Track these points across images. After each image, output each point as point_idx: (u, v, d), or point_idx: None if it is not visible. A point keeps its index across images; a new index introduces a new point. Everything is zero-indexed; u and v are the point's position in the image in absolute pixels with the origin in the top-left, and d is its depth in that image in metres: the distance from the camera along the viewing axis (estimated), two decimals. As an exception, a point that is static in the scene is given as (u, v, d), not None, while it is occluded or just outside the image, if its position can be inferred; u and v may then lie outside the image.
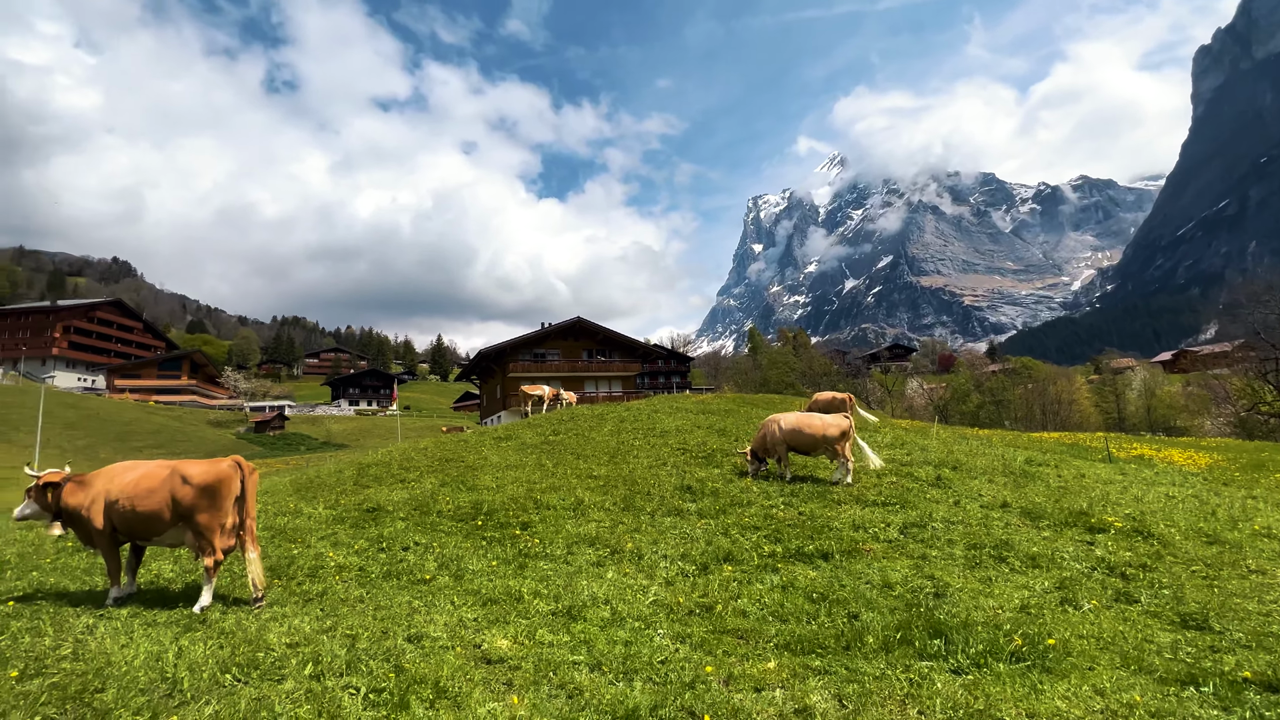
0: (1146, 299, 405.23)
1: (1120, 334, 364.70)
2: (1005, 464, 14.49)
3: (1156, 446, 23.52)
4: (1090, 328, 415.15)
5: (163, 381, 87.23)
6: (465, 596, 6.12)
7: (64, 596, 6.38)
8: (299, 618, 5.35)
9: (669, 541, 8.38)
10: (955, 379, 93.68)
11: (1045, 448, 20.93)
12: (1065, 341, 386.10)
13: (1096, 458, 19.34)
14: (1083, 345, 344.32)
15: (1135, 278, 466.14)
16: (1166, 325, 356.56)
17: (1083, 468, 15.58)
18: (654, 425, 19.36)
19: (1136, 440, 27.06)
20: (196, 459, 6.20)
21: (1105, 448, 21.64)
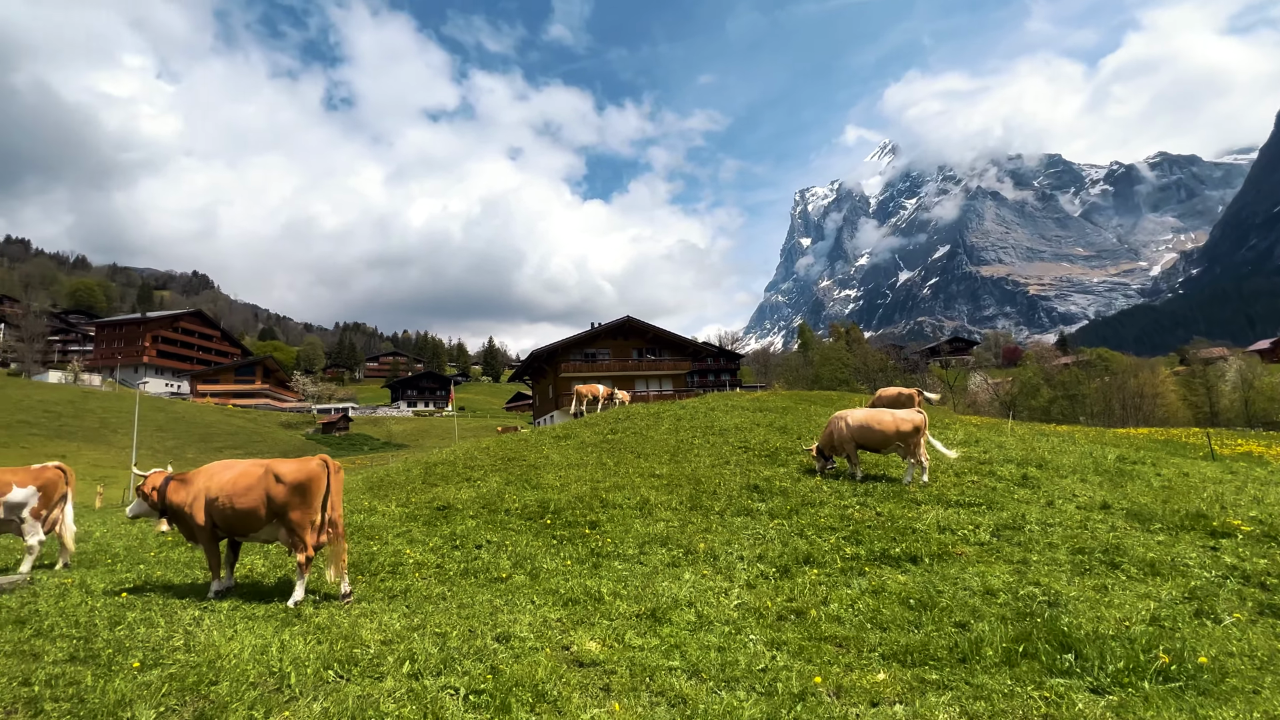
0: (1238, 282, 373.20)
1: (1208, 321, 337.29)
2: (1095, 462, 13.49)
3: (1265, 443, 21.46)
4: (1173, 315, 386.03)
5: (239, 386, 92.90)
6: (545, 596, 6.08)
7: (170, 589, 6.71)
8: (388, 614, 5.41)
9: (742, 542, 8.13)
10: (1022, 373, 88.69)
11: (1136, 445, 19.43)
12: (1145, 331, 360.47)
13: (1197, 455, 17.80)
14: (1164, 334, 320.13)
15: (1224, 260, 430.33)
16: (1263, 310, 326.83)
17: (1183, 466, 14.35)
18: (712, 423, 19.07)
19: (1239, 436, 24.81)
20: (285, 458, 6.40)
21: (1207, 444, 19.90)
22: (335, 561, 5.96)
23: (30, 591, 6.80)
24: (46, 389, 64.65)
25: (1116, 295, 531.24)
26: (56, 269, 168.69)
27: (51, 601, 6.27)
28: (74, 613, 5.71)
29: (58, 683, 3.86)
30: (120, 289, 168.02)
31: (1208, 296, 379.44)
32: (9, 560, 9.32)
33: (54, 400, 59.60)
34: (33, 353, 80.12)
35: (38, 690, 3.72)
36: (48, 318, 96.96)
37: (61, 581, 7.21)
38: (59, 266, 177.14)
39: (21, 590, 6.92)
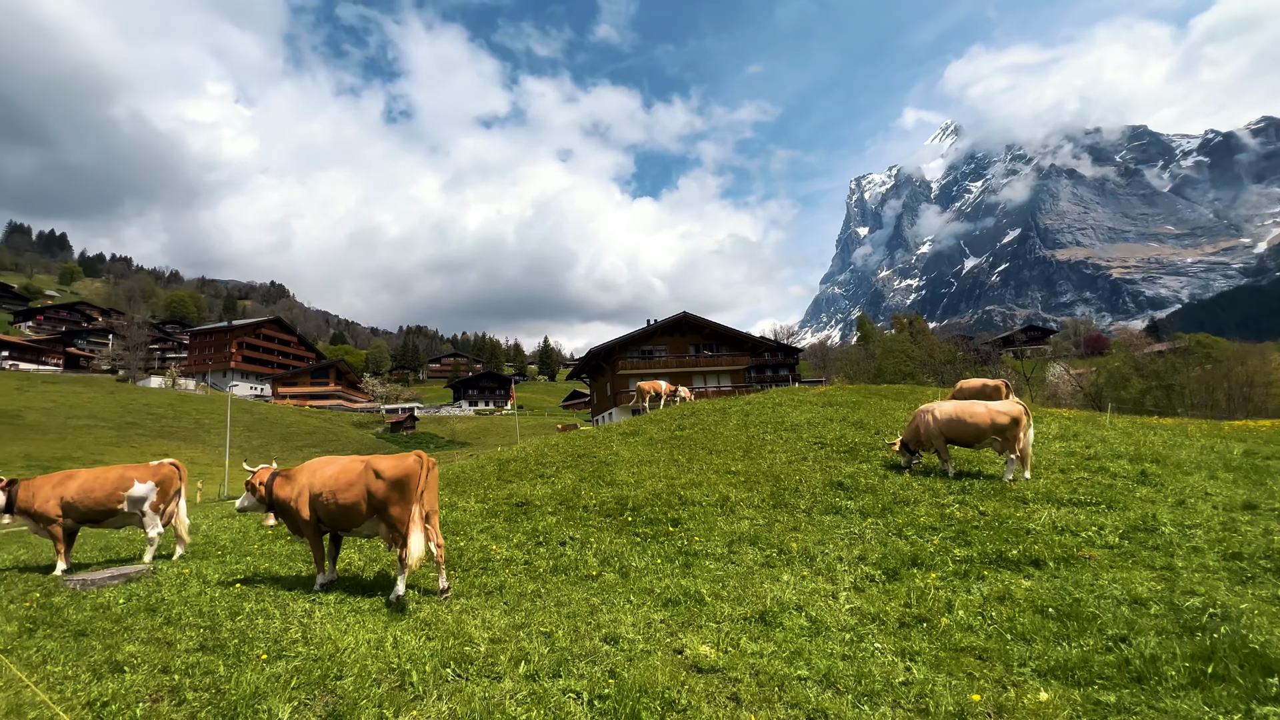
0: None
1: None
2: (1221, 457, 12.20)
3: None
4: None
5: (314, 388, 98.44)
6: (641, 595, 5.90)
7: (277, 580, 6.96)
8: (488, 611, 5.37)
9: (837, 542, 7.72)
10: (1109, 362, 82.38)
11: (1263, 437, 17.49)
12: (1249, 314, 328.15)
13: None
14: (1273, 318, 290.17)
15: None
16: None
17: (1330, 461, 12.74)
18: (781, 419, 18.53)
19: (1385, 428, 21.97)
20: (383, 455, 6.49)
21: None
22: (434, 559, 5.99)
23: (154, 581, 7.22)
24: (150, 393, 70.50)
25: (1214, 276, 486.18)
26: (154, 283, 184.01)
27: (174, 591, 6.61)
28: (196, 602, 5.98)
29: (194, 671, 3.98)
30: (208, 300, 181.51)
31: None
32: (132, 551, 10.03)
33: (156, 403, 64.88)
34: (136, 360, 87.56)
35: (178, 680, 3.84)
36: (148, 328, 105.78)
37: (180, 571, 7.63)
38: (156, 281, 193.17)
39: (146, 579, 7.36)
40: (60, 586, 7.17)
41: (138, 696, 3.58)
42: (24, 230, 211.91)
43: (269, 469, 6.90)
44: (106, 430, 51.95)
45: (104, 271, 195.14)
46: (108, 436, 50.19)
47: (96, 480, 8.54)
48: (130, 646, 4.54)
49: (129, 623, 5.28)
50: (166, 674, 3.98)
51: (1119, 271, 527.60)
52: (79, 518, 8.47)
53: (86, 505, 8.40)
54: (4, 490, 8.49)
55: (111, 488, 8.50)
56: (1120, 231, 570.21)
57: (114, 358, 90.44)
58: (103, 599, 6.42)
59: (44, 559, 9.90)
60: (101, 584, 7.15)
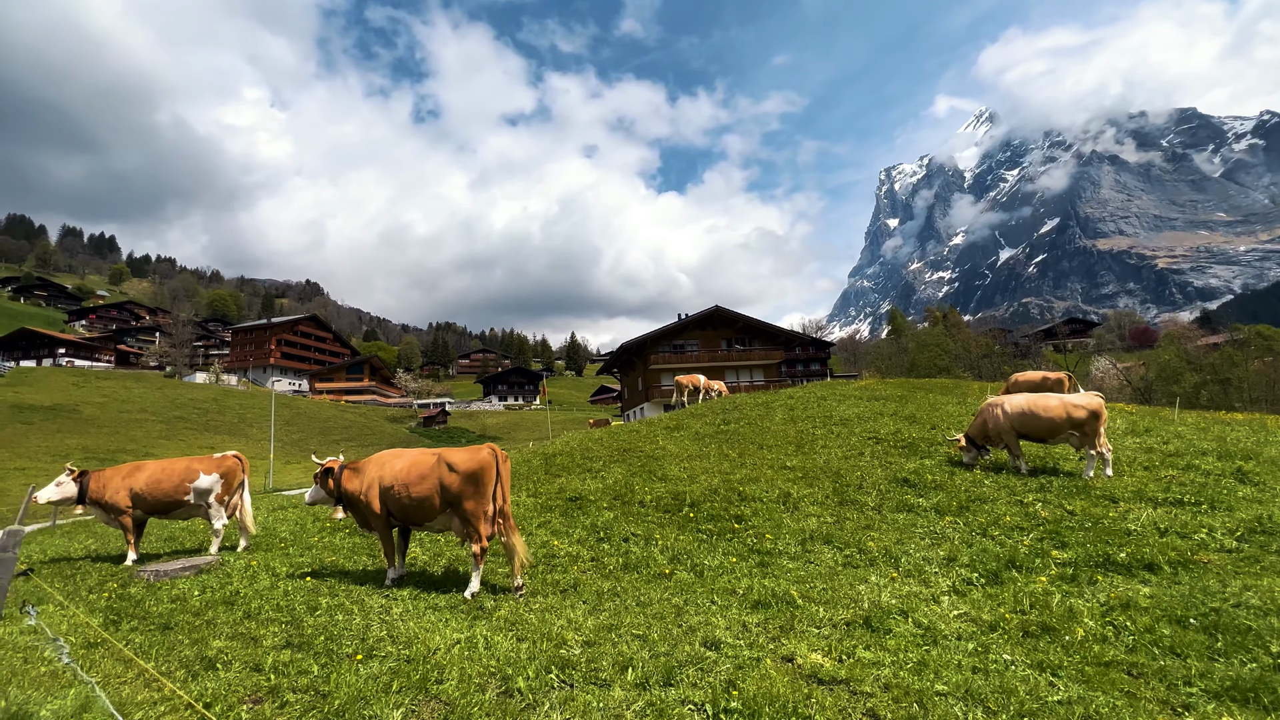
0: None
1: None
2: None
3: None
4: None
5: (349, 384, 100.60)
6: (724, 596, 5.62)
7: (345, 574, 6.87)
8: (570, 611, 5.15)
9: (917, 542, 7.32)
10: (1159, 355, 78.91)
11: (1353, 434, 16.32)
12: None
13: None
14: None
15: None
16: None
17: None
18: (828, 413, 18.03)
19: None
20: (456, 448, 6.32)
21: None
22: (516, 549, 5.80)
23: (224, 573, 7.21)
24: (195, 389, 72.93)
25: (1270, 264, 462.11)
26: (196, 282, 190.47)
27: (246, 583, 6.57)
28: (271, 596, 5.91)
29: (288, 670, 3.83)
30: (247, 298, 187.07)
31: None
32: (195, 541, 10.16)
33: (201, 398, 67.06)
34: (182, 357, 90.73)
35: (274, 680, 3.69)
36: (192, 326, 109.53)
37: (247, 563, 7.62)
38: (198, 280, 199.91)
39: (216, 571, 7.36)
40: (134, 577, 7.21)
41: (238, 697, 3.44)
42: (76, 233, 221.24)
43: (337, 461, 6.81)
44: (156, 424, 53.85)
45: (150, 272, 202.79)
46: (157, 430, 52.03)
47: (164, 472, 8.62)
48: (217, 642, 4.44)
49: (209, 616, 5.21)
50: (259, 672, 3.85)
51: (1165, 261, 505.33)
52: (147, 509, 8.57)
53: (155, 496, 8.49)
54: (76, 481, 8.63)
55: (178, 479, 8.58)
56: (1167, 219, 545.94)
57: (161, 354, 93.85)
58: (178, 590, 6.41)
59: (113, 549, 10.09)
60: (174, 575, 7.18)
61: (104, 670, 3.85)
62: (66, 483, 8.56)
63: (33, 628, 4.33)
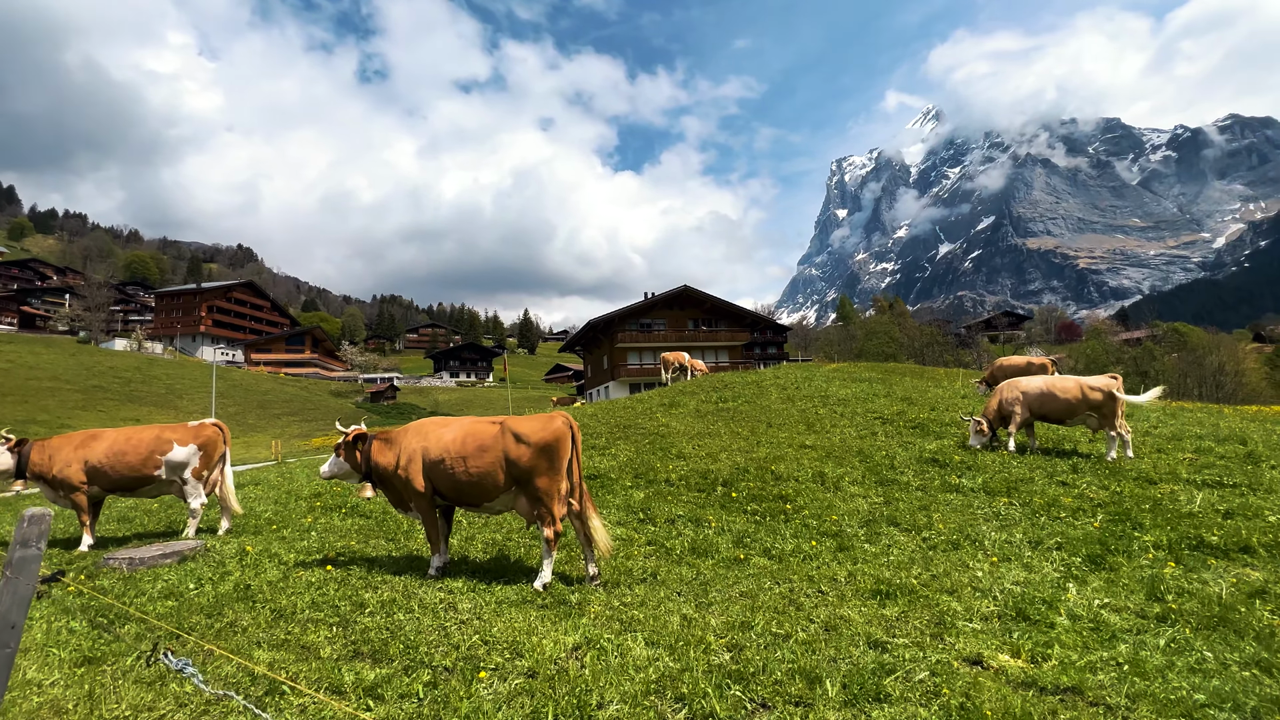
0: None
1: (1275, 297, 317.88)
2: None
3: None
4: (1237, 290, 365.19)
5: (289, 355, 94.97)
6: (827, 584, 5.05)
7: (371, 562, 5.91)
8: (675, 604, 4.46)
9: (984, 524, 6.99)
10: (1086, 348, 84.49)
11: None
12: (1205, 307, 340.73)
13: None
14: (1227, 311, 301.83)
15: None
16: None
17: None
18: (822, 393, 17.86)
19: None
20: (520, 416, 5.44)
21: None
22: (596, 534, 5.03)
23: (214, 560, 6.10)
24: (114, 356, 66.85)
25: (1175, 269, 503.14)
26: (112, 242, 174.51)
27: (252, 573, 5.53)
28: (294, 589, 4.93)
29: (383, 693, 2.98)
30: (171, 261, 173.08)
31: (1277, 270, 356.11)
32: (158, 522, 8.80)
33: (122, 367, 61.55)
34: (98, 321, 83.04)
35: (373, 710, 2.83)
36: (109, 289, 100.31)
37: (241, 549, 6.51)
38: (114, 240, 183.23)
39: (203, 558, 6.23)
40: (102, 566, 6.00)
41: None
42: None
43: (361, 429, 5.79)
44: (71, 393, 48.98)
45: (57, 228, 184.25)
46: (73, 400, 47.33)
47: (129, 442, 7.29)
48: (264, 653, 3.51)
49: (230, 618, 4.22)
50: (340, 696, 2.98)
51: (1085, 261, 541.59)
52: (107, 485, 7.24)
53: (118, 471, 7.17)
54: (13, 451, 7.20)
55: (146, 451, 7.28)
56: (1089, 222, 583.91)
57: (73, 318, 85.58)
58: (166, 584, 5.31)
59: (56, 532, 8.62)
60: (152, 564, 6.01)
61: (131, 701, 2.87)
62: (1, 453, 7.11)
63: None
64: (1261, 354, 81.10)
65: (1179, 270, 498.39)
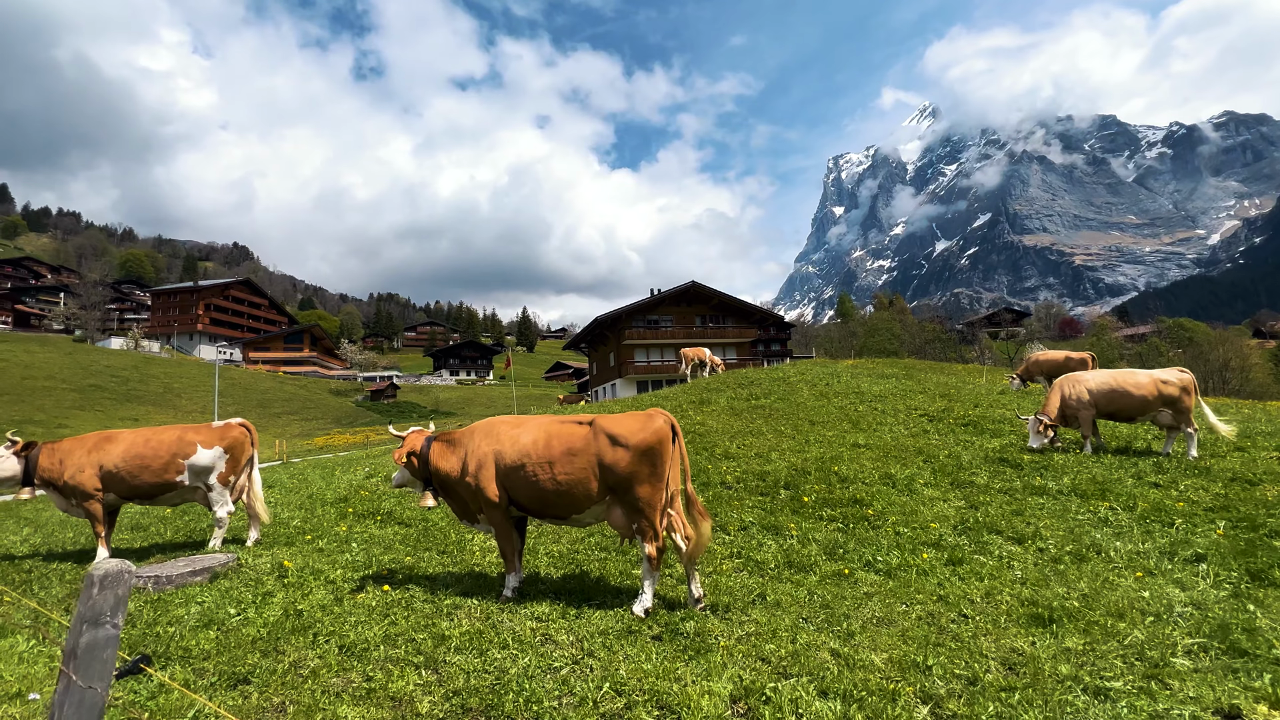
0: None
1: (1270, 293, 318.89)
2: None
3: None
4: (1232, 287, 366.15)
5: (288, 354, 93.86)
6: (964, 605, 4.40)
7: (431, 581, 5.23)
8: (808, 633, 3.80)
9: (1096, 531, 6.35)
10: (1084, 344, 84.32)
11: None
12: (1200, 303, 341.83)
13: None
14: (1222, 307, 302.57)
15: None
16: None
17: None
18: (854, 389, 17.24)
19: None
20: (613, 414, 4.77)
21: None
22: (694, 553, 4.38)
23: (249, 578, 5.42)
24: (111, 355, 65.81)
25: (1170, 266, 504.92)
26: (106, 240, 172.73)
27: (297, 595, 4.85)
28: (354, 617, 4.25)
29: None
30: (166, 260, 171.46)
31: (1271, 266, 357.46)
32: (177, 531, 8.09)
33: (119, 366, 60.54)
34: (94, 320, 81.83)
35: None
36: (105, 287, 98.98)
37: (276, 564, 5.82)
38: (108, 238, 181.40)
39: (237, 575, 5.55)
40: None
41: None
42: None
43: (423, 432, 5.12)
44: (67, 393, 48.02)
45: (50, 226, 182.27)
46: (70, 399, 46.38)
47: (148, 444, 6.59)
48: (350, 709, 2.84)
49: (292, 656, 3.54)
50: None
51: (1081, 258, 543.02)
52: (124, 492, 6.54)
53: (137, 477, 6.47)
54: (19, 456, 6.49)
55: (168, 454, 6.58)
56: (1085, 219, 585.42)
57: (68, 317, 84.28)
58: (202, 607, 4.63)
59: (64, 541, 7.92)
60: (181, 582, 5.33)
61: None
62: (6, 457, 6.40)
63: None
64: (1265, 350, 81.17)
65: (1174, 267, 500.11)
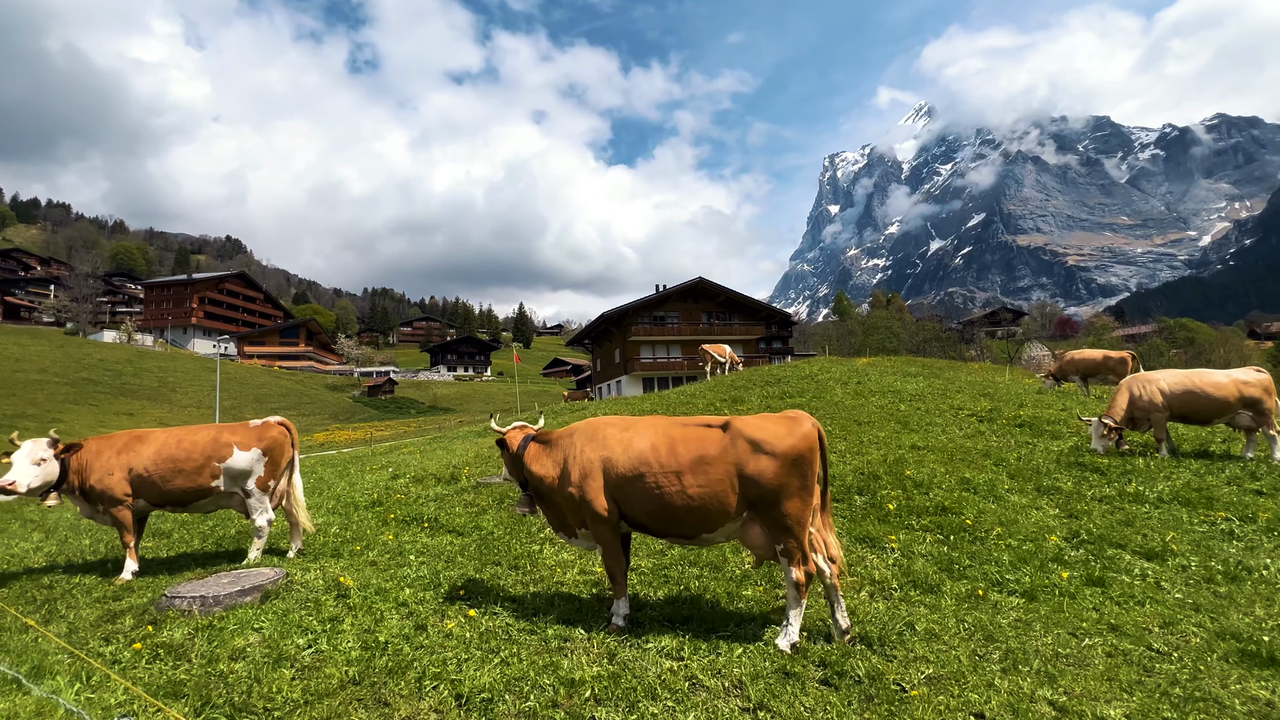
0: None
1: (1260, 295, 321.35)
2: None
3: None
4: (1223, 288, 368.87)
5: (283, 348, 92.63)
6: (1160, 640, 3.83)
7: (514, 602, 4.62)
8: (999, 677, 3.22)
9: (1226, 546, 5.82)
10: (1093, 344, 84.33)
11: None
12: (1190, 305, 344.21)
13: None
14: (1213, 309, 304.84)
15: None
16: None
17: None
18: (893, 388, 16.70)
19: None
20: (746, 416, 4.16)
21: None
22: (834, 576, 3.79)
23: (303, 597, 4.79)
24: (104, 348, 64.56)
25: (1161, 267, 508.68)
26: (96, 233, 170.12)
27: (367, 620, 4.24)
28: (458, 651, 3.64)
29: None
30: (158, 252, 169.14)
31: (1262, 268, 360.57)
32: (203, 540, 7.42)
33: (113, 359, 59.37)
34: (85, 313, 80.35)
35: None
36: (96, 279, 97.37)
37: (334, 581, 5.18)
38: (99, 230, 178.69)
39: (289, 594, 4.91)
40: (165, 607, 4.67)
41: None
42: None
43: (524, 429, 4.50)
44: (60, 386, 46.92)
45: (40, 218, 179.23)
46: (63, 393, 45.30)
47: (179, 446, 5.93)
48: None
49: (403, 709, 2.94)
50: None
51: (1074, 259, 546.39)
52: (156, 498, 5.88)
53: (170, 481, 5.81)
54: (59, 458, 5.74)
55: (202, 457, 5.92)
56: (1078, 220, 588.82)
57: (59, 309, 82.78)
58: (264, 636, 4.00)
59: (84, 550, 7.25)
60: (231, 603, 4.69)
61: None
62: (49, 460, 5.66)
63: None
64: (1262, 350, 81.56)
65: (1165, 268, 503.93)
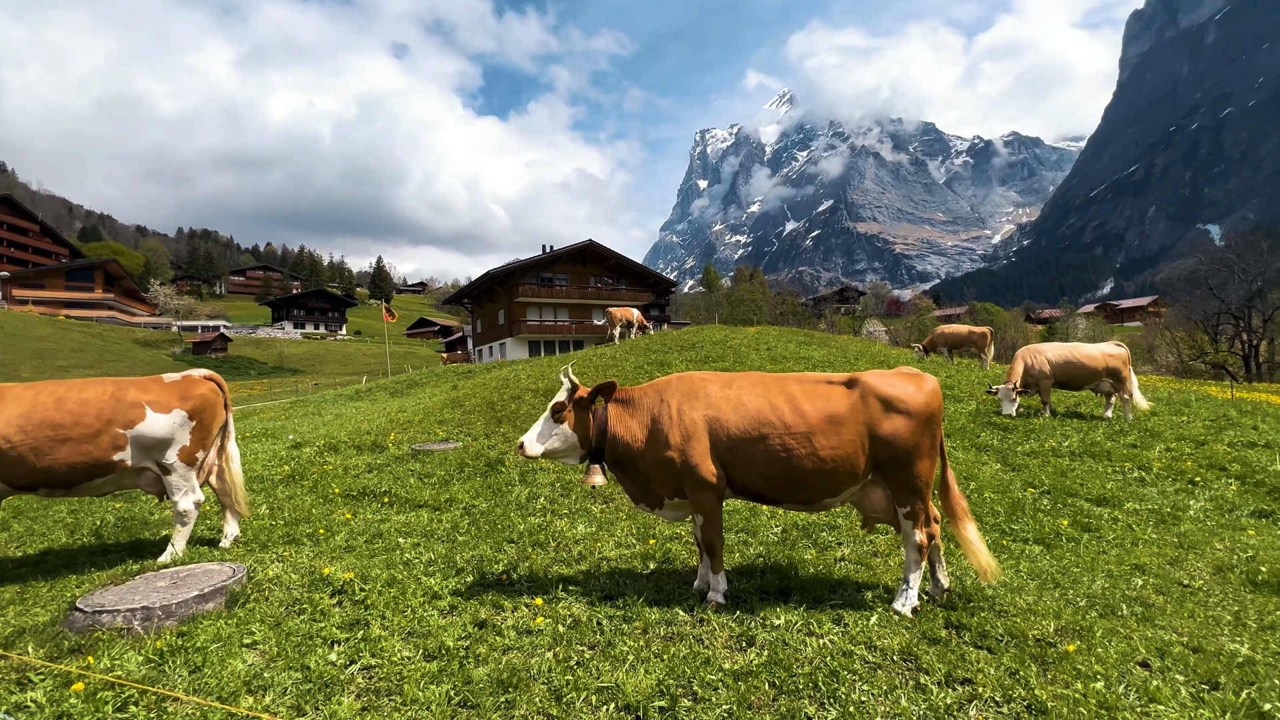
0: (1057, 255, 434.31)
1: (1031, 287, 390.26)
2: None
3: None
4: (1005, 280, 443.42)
5: (72, 293, 75.61)
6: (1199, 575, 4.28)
7: (558, 588, 3.99)
8: (1112, 619, 3.35)
9: (1142, 492, 6.81)
10: (919, 321, 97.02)
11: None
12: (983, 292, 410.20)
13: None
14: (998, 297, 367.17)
15: (1049, 234, 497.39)
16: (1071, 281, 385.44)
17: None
18: (798, 355, 17.66)
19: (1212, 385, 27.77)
20: (868, 372, 3.81)
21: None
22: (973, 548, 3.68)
23: (287, 599, 3.74)
24: None
25: (964, 259, 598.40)
26: None
27: (401, 620, 3.39)
28: (574, 656, 2.99)
29: None
30: None
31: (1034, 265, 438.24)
32: (93, 524, 5.58)
33: None
34: None
35: None
36: None
37: (310, 572, 4.09)
38: None
39: (261, 595, 3.79)
40: (84, 626, 3.35)
41: None
42: None
43: (609, 382, 3.77)
44: None
45: None
46: None
47: (61, 407, 4.31)
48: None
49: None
50: None
51: (901, 247, 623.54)
52: (26, 479, 4.25)
53: (48, 456, 4.20)
54: None
55: (97, 420, 4.36)
56: (905, 213, 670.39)
57: None
58: (263, 655, 3.01)
59: None
60: (187, 613, 3.49)
61: None
62: None
63: None
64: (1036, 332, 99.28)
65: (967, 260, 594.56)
